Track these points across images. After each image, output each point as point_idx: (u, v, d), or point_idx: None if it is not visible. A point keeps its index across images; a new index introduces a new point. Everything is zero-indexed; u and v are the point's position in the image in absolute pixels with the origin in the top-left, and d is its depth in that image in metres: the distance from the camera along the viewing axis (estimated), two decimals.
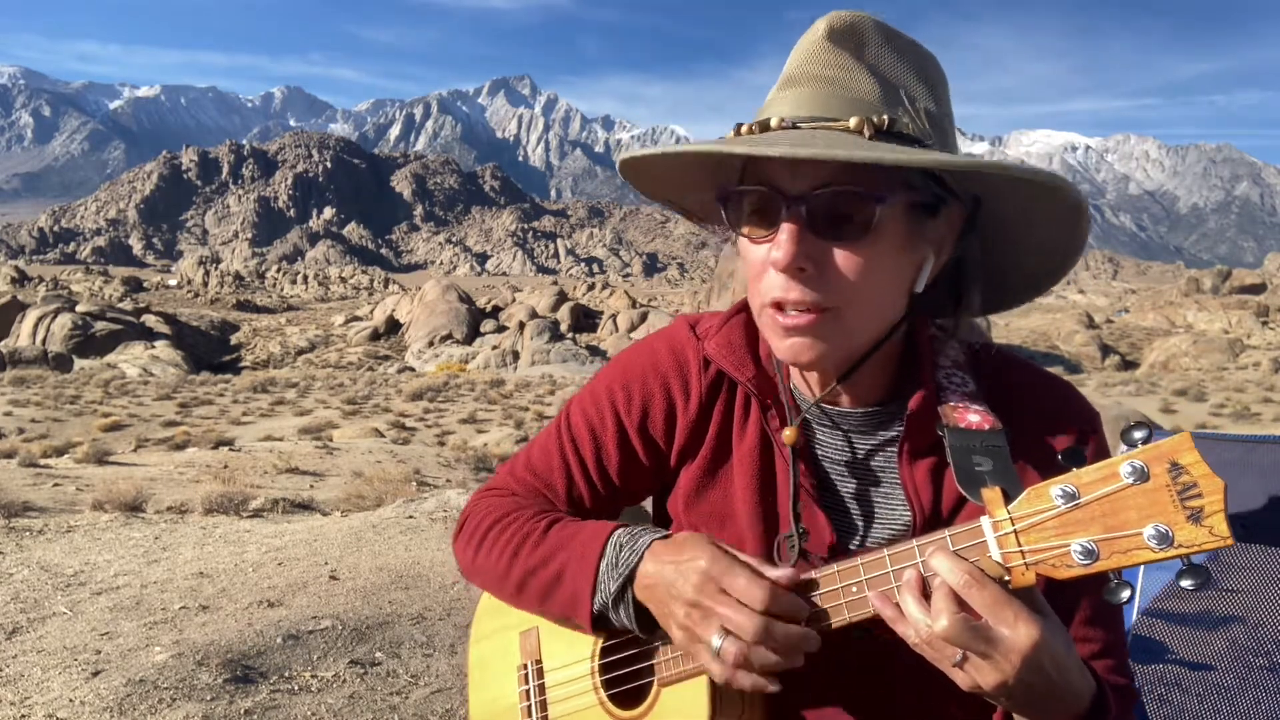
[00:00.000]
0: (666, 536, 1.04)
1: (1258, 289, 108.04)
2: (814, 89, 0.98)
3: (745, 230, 1.01)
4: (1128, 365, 69.36)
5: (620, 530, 1.07)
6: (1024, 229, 1.04)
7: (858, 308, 0.98)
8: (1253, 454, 2.46)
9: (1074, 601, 1.05)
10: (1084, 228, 1.01)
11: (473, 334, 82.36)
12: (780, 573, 0.94)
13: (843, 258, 0.95)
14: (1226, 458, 2.44)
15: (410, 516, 7.61)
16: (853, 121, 0.93)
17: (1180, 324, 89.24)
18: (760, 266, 1.00)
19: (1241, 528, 2.47)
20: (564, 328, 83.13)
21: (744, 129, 0.99)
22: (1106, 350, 76.48)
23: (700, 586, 0.94)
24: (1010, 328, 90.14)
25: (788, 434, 1.08)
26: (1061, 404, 1.09)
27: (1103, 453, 1.05)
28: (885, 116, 0.94)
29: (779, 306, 0.98)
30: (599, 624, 1.07)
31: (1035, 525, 0.83)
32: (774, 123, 0.97)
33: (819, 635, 0.93)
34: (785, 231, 0.94)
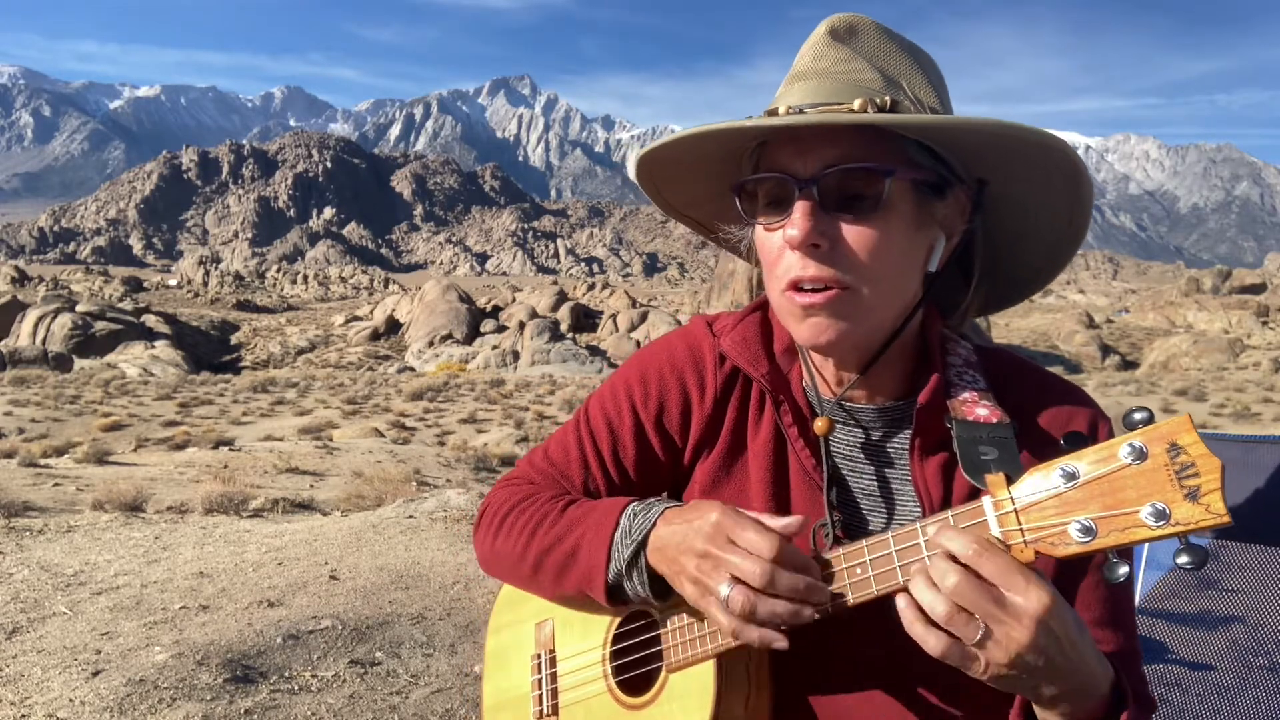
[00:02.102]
0: (679, 505, 1.06)
1: (1258, 289, 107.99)
2: (819, 81, 1.01)
3: (761, 219, 1.05)
4: (1128, 365, 69.31)
5: (634, 502, 1.09)
6: (1032, 205, 1.07)
7: (873, 284, 1.00)
8: (1252, 454, 2.46)
9: (1080, 597, 1.05)
10: (1086, 195, 1.04)
11: (473, 334, 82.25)
12: (785, 521, 0.95)
13: (855, 233, 0.98)
14: (1226, 458, 2.42)
15: (410, 516, 7.61)
16: (856, 103, 0.97)
17: (1180, 324, 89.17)
18: (777, 252, 1.03)
19: (1242, 528, 2.47)
20: (564, 327, 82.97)
21: (752, 120, 1.02)
22: (1106, 350, 76.42)
23: (711, 537, 0.96)
24: (1010, 328, 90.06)
25: (819, 424, 1.10)
26: (1071, 404, 1.11)
27: None
28: (887, 98, 0.98)
29: (797, 287, 1.01)
30: (614, 595, 1.07)
31: (1035, 504, 0.84)
32: (781, 110, 1.00)
33: (824, 586, 0.93)
34: (798, 210, 0.97)
